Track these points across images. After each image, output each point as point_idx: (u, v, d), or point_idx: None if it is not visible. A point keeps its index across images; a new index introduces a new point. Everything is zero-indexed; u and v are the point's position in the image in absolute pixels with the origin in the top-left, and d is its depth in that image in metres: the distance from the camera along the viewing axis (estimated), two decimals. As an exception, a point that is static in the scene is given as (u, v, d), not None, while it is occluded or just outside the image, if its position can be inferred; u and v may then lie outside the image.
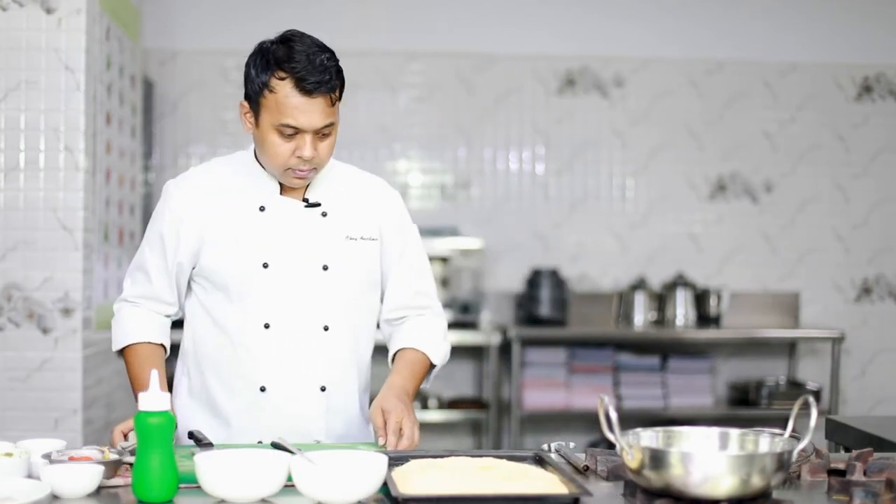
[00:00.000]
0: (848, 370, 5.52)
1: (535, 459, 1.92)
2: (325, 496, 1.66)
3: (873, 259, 5.60)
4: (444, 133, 5.41)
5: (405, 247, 2.35)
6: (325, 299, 2.24)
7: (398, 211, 2.37)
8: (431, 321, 2.38)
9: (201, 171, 2.31)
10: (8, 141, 3.54)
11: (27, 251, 3.54)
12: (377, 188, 2.36)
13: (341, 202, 2.29)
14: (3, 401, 3.55)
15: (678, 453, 1.64)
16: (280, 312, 2.22)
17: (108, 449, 1.90)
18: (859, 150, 5.59)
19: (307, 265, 2.23)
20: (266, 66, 2.11)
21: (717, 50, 5.51)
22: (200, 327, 2.29)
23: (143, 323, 2.29)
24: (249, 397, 2.23)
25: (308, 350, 2.24)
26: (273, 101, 2.10)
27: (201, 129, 5.31)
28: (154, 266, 2.28)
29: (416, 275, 2.37)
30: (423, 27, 5.39)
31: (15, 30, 3.53)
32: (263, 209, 2.23)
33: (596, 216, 5.50)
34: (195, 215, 2.23)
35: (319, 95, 2.09)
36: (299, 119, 2.09)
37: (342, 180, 2.33)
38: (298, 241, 2.23)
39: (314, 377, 2.25)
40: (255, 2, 5.29)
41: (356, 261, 2.27)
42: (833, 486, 1.82)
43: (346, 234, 2.27)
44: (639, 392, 5.18)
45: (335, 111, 2.14)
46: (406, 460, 1.86)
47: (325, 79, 2.09)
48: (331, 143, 2.16)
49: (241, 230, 2.22)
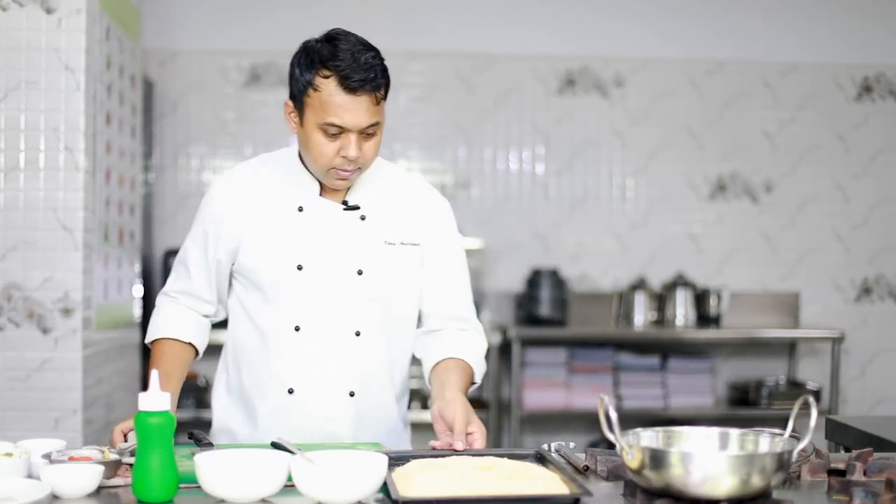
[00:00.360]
0: (848, 370, 5.52)
1: (536, 458, 1.91)
2: (325, 496, 1.65)
3: (873, 259, 5.60)
4: (444, 133, 5.41)
5: (448, 257, 2.30)
6: (358, 304, 2.21)
7: (444, 219, 2.32)
8: (474, 337, 2.32)
9: (245, 169, 2.30)
10: (8, 141, 3.54)
11: (27, 251, 3.54)
12: (423, 193, 2.32)
13: (383, 206, 2.25)
14: (3, 401, 3.55)
15: (678, 453, 1.64)
16: (311, 315, 2.20)
17: (108, 449, 1.90)
18: (859, 150, 5.59)
19: (341, 269, 2.20)
20: (310, 64, 2.09)
21: (717, 50, 5.51)
22: (239, 325, 2.29)
23: (176, 319, 2.29)
24: (278, 398, 2.22)
25: (338, 354, 2.21)
26: (317, 99, 2.07)
27: (201, 129, 5.31)
28: (194, 262, 2.28)
29: (456, 287, 2.32)
30: (423, 27, 5.39)
31: (15, 30, 3.53)
32: (302, 210, 2.21)
33: (596, 216, 5.50)
34: (236, 214, 2.23)
35: (364, 93, 2.06)
36: (344, 118, 2.06)
37: (387, 183, 2.28)
38: (334, 244, 2.21)
39: (343, 382, 2.22)
40: (255, 2, 5.29)
41: (394, 266, 2.23)
42: (833, 486, 1.82)
43: (385, 238, 2.23)
44: (639, 392, 5.18)
45: (380, 110, 2.11)
46: (407, 460, 1.86)
47: (370, 76, 2.06)
48: (376, 142, 2.13)
49: (278, 230, 2.21)
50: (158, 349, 2.28)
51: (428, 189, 2.34)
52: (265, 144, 5.33)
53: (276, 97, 5.33)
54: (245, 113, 5.33)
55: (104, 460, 1.82)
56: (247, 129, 5.33)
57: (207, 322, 2.34)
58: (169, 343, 2.28)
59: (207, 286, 2.28)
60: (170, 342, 2.28)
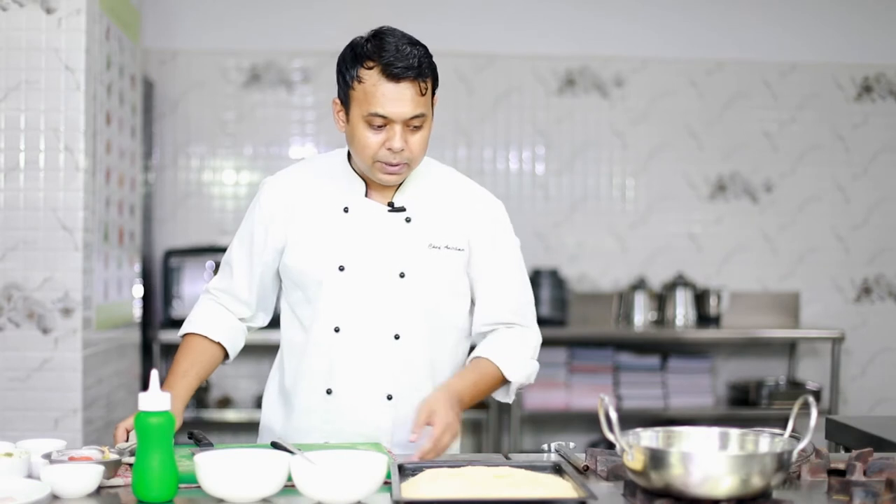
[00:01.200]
0: (848, 370, 5.51)
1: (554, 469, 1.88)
2: (325, 496, 1.66)
3: (873, 259, 5.60)
4: (444, 133, 5.41)
5: (498, 261, 2.27)
6: (399, 307, 2.19)
7: (494, 222, 2.28)
8: (517, 334, 2.28)
9: (296, 169, 2.31)
10: (8, 141, 3.54)
11: (27, 251, 3.54)
12: (473, 196, 2.29)
13: (429, 208, 2.23)
14: (3, 401, 3.55)
15: (678, 453, 1.64)
16: (351, 317, 2.19)
17: (108, 449, 1.90)
18: (859, 150, 5.59)
19: (383, 271, 2.19)
20: (355, 59, 2.09)
21: (717, 50, 5.51)
22: (286, 325, 2.29)
23: (210, 317, 2.28)
24: (317, 399, 2.22)
25: (377, 357, 2.19)
26: (362, 91, 2.07)
27: (201, 129, 5.31)
28: (238, 262, 2.28)
29: (508, 290, 2.28)
30: (423, 27, 5.35)
31: (15, 30, 3.53)
32: (347, 210, 2.20)
33: (596, 216, 5.50)
34: (283, 214, 2.23)
35: (407, 82, 2.05)
36: (387, 107, 2.05)
37: (436, 184, 2.26)
38: (377, 245, 2.19)
39: (381, 385, 2.20)
40: (255, 2, 5.29)
41: (437, 270, 2.20)
42: (833, 486, 1.82)
43: (430, 242, 2.20)
44: (639, 392, 5.18)
45: (426, 102, 2.09)
46: (420, 470, 1.84)
47: (413, 64, 2.05)
48: (422, 137, 2.11)
49: (323, 231, 2.20)
50: (185, 344, 2.27)
51: (479, 191, 2.31)
52: (265, 144, 5.34)
53: (276, 97, 5.33)
54: (245, 113, 5.33)
55: (104, 460, 1.82)
56: (247, 129, 5.33)
57: (243, 326, 2.33)
58: (197, 339, 2.26)
59: (248, 288, 2.28)
60: (198, 338, 2.26)
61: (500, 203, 2.33)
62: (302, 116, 5.36)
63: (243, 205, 5.24)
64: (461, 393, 2.13)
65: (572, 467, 1.98)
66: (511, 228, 2.32)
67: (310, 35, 5.23)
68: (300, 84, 5.33)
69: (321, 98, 5.29)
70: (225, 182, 5.33)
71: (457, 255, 2.22)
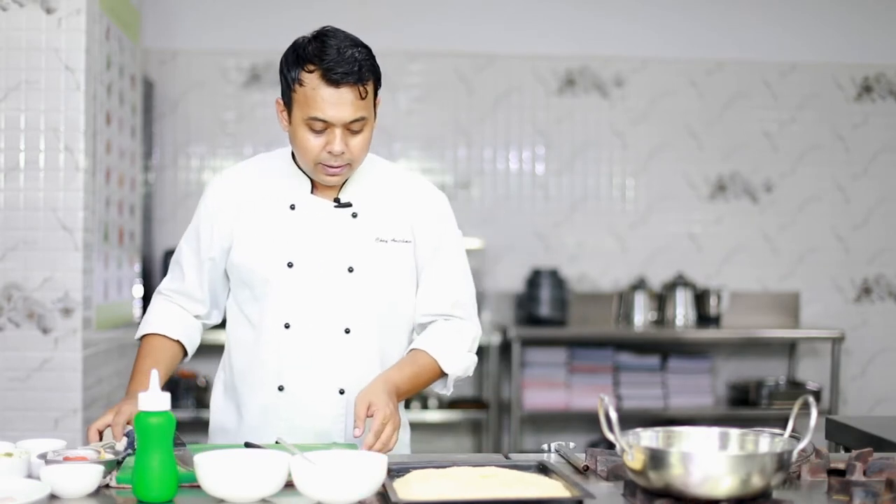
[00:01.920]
0: (848, 370, 5.51)
1: (538, 468, 1.89)
2: (325, 496, 1.65)
3: (873, 259, 5.60)
4: (444, 133, 5.41)
5: (440, 251, 2.28)
6: (349, 302, 2.20)
7: (437, 214, 2.30)
8: (455, 327, 2.28)
9: (240, 169, 2.32)
10: (8, 141, 3.54)
11: (27, 251, 3.54)
12: (416, 189, 2.30)
13: (375, 203, 2.24)
14: (3, 401, 3.55)
15: (678, 453, 1.64)
16: (301, 313, 2.20)
17: (105, 449, 1.90)
18: (859, 150, 5.59)
19: (332, 266, 2.20)
20: (297, 60, 2.11)
21: (717, 50, 5.51)
22: (233, 324, 2.30)
23: (166, 317, 2.29)
24: (268, 396, 2.22)
25: (328, 352, 2.21)
26: (302, 94, 2.09)
27: (201, 129, 5.31)
28: (187, 261, 2.29)
29: (448, 281, 2.29)
30: (423, 27, 5.39)
31: (15, 30, 3.53)
32: (294, 208, 2.22)
33: (596, 216, 5.50)
34: (228, 212, 2.24)
35: (347, 87, 2.06)
36: (327, 112, 2.07)
37: (380, 180, 2.28)
38: (325, 241, 2.21)
39: (333, 379, 2.21)
40: (255, 2, 5.29)
41: (385, 263, 2.22)
42: (833, 486, 1.82)
43: (377, 235, 2.22)
44: (639, 392, 5.18)
45: (367, 106, 2.11)
46: (407, 471, 1.84)
47: (353, 69, 2.06)
48: (363, 139, 2.13)
49: (270, 228, 2.22)
50: (145, 344, 2.28)
51: (422, 185, 2.32)
52: (265, 144, 5.33)
53: (276, 97, 5.32)
54: (245, 113, 5.33)
55: (100, 460, 1.82)
56: (247, 129, 5.33)
57: (199, 323, 2.34)
58: (156, 339, 2.27)
59: (199, 286, 2.29)
60: (158, 337, 2.27)
61: (444, 195, 2.34)
62: (302, 116, 5.35)
63: (243, 205, 5.25)
64: (398, 384, 2.14)
65: (571, 466, 1.98)
66: (454, 221, 2.34)
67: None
68: (300, 84, 5.32)
69: (321, 98, 5.29)
70: (225, 182, 5.32)
71: (404, 247, 2.24)
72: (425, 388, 2.29)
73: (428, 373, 2.23)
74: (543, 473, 1.85)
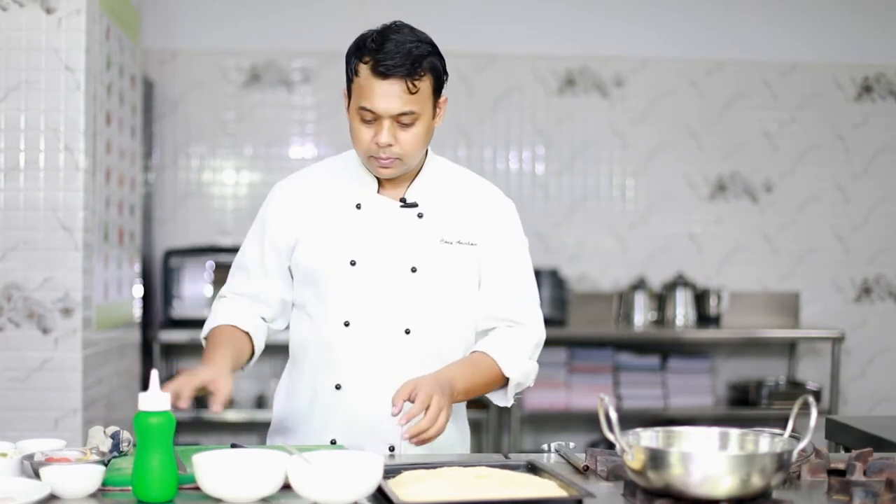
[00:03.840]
0: (848, 370, 5.51)
1: (528, 468, 1.89)
2: (322, 496, 1.66)
3: (873, 259, 5.60)
4: (444, 133, 5.41)
5: (505, 257, 2.26)
6: (410, 302, 2.18)
7: (505, 220, 2.28)
8: (517, 333, 2.24)
9: (307, 171, 2.32)
10: (8, 141, 3.54)
11: (27, 251, 3.54)
12: (485, 194, 2.29)
13: (442, 204, 2.23)
14: (3, 401, 3.55)
15: (678, 453, 1.64)
16: (361, 311, 2.18)
17: (90, 450, 1.90)
18: (859, 150, 5.59)
19: (395, 266, 2.18)
20: (356, 51, 2.13)
21: (717, 50, 5.51)
22: (295, 323, 2.28)
23: (234, 312, 2.25)
24: (326, 395, 2.20)
25: (386, 352, 2.17)
26: (357, 84, 2.11)
27: (201, 129, 5.31)
28: (253, 264, 2.27)
29: (511, 287, 2.26)
30: (423, 27, 5.36)
31: (15, 30, 3.53)
32: (360, 207, 2.21)
33: (596, 216, 5.50)
34: (293, 214, 2.23)
35: (395, 79, 2.08)
36: (374, 102, 2.08)
37: (448, 181, 2.28)
38: (389, 240, 2.19)
39: (391, 380, 2.10)
40: (255, 2, 5.29)
41: (449, 265, 2.20)
42: (833, 486, 1.82)
43: (442, 237, 2.20)
44: (639, 392, 5.18)
45: (418, 101, 2.13)
46: (398, 472, 1.83)
47: (405, 62, 2.09)
48: (415, 134, 2.13)
49: (335, 227, 2.20)
50: (216, 333, 2.21)
51: (490, 190, 2.31)
52: (265, 144, 5.33)
53: (276, 97, 5.33)
54: (245, 113, 5.33)
55: (85, 461, 1.82)
56: (247, 129, 5.33)
57: (265, 325, 2.29)
58: (225, 328, 2.22)
59: (265, 288, 2.26)
60: (227, 327, 2.22)
61: (511, 202, 2.33)
62: (302, 116, 5.35)
63: (243, 205, 5.25)
64: (452, 379, 2.08)
65: (571, 466, 1.98)
66: (521, 228, 2.33)
67: (310, 35, 5.23)
68: (300, 84, 5.32)
69: (321, 98, 5.29)
70: (225, 182, 5.33)
71: (469, 249, 2.22)
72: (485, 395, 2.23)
73: (486, 375, 2.18)
74: (534, 473, 1.85)
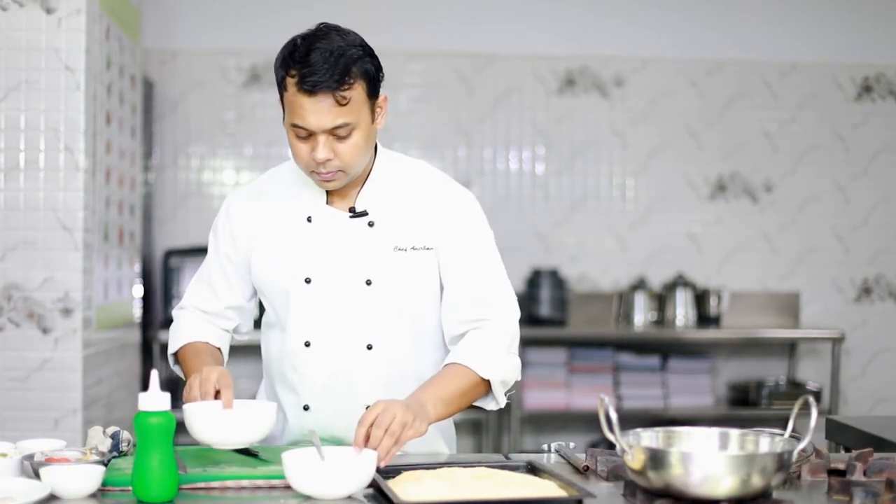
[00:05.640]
0: (848, 370, 5.51)
1: (527, 468, 1.88)
2: (316, 490, 1.68)
3: (873, 259, 5.60)
4: (444, 133, 5.41)
5: (465, 256, 2.13)
6: (369, 316, 2.09)
7: (460, 215, 2.15)
8: (489, 332, 2.10)
9: (257, 183, 2.25)
10: (8, 141, 3.54)
11: (27, 251, 3.54)
12: (440, 191, 2.17)
13: (394, 209, 2.12)
14: (3, 401, 3.55)
15: (678, 453, 1.64)
16: (321, 330, 2.10)
17: (90, 450, 1.90)
18: (859, 150, 5.59)
19: (350, 280, 2.09)
20: (282, 63, 2.02)
21: (717, 50, 5.51)
22: (264, 339, 2.25)
23: (200, 328, 2.22)
24: (295, 416, 2.15)
25: (351, 370, 2.10)
26: (287, 99, 2.01)
27: (201, 129, 5.31)
28: (212, 276, 2.23)
29: (474, 287, 2.12)
30: (423, 27, 5.39)
31: (15, 30, 3.53)
32: (310, 220, 2.12)
33: (596, 216, 5.50)
34: (247, 226, 2.17)
35: (323, 94, 1.95)
36: (306, 119, 1.97)
37: (401, 182, 2.15)
38: (342, 254, 2.09)
39: (358, 398, 2.09)
40: (255, 2, 5.29)
41: (405, 274, 2.10)
42: (833, 486, 1.82)
43: (395, 244, 2.10)
44: (639, 392, 5.18)
45: (350, 111, 1.97)
46: (398, 472, 1.82)
47: (331, 76, 1.94)
48: (352, 144, 2.00)
49: (287, 242, 2.12)
50: (191, 348, 2.18)
51: (445, 186, 2.19)
52: (265, 144, 5.33)
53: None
54: (245, 113, 5.33)
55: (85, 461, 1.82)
56: (247, 129, 5.33)
57: (229, 336, 2.27)
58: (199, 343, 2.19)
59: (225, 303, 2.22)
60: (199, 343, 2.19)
61: (470, 195, 2.21)
62: (302, 116, 5.35)
63: (243, 205, 5.24)
64: (421, 399, 1.96)
65: (571, 466, 1.98)
66: (482, 220, 2.19)
67: (310, 35, 5.22)
68: (300, 84, 5.32)
69: (321, 98, 5.29)
70: (225, 182, 5.33)
71: (425, 254, 2.11)
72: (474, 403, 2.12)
73: (463, 384, 2.05)
74: (533, 474, 1.85)
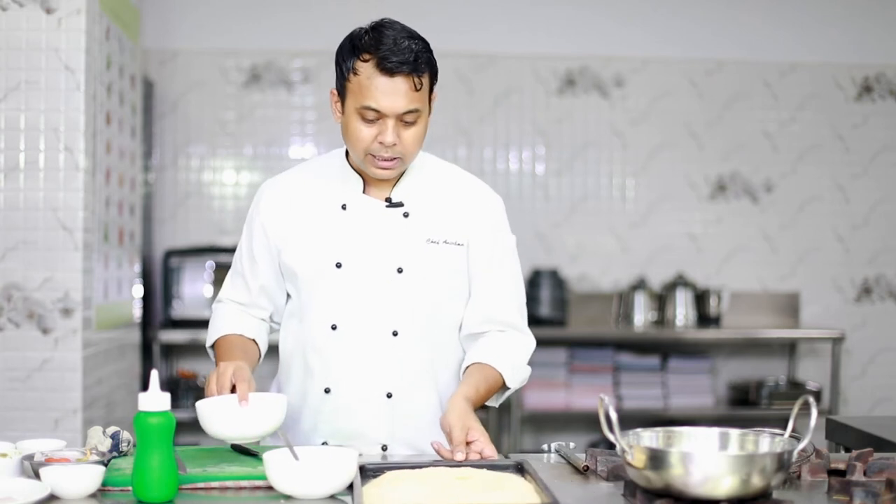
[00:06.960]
0: (848, 370, 5.51)
1: (516, 468, 1.88)
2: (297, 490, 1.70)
3: (873, 259, 5.60)
4: (444, 133, 5.41)
5: (494, 258, 2.22)
6: (397, 303, 2.15)
7: (493, 218, 2.24)
8: (513, 339, 2.25)
9: (294, 171, 2.30)
10: (8, 141, 3.54)
11: (27, 251, 3.54)
12: (473, 192, 2.25)
13: (428, 203, 2.20)
14: (3, 401, 3.55)
15: (678, 453, 1.64)
16: (348, 314, 2.16)
17: (90, 450, 1.90)
18: (859, 150, 5.59)
19: (381, 267, 2.15)
20: (352, 50, 2.08)
21: (717, 50, 5.51)
22: (285, 324, 2.28)
23: (235, 319, 2.26)
24: (315, 399, 2.19)
25: (375, 355, 2.16)
26: (357, 83, 2.05)
27: (201, 129, 5.31)
28: (245, 268, 2.26)
29: (502, 289, 2.23)
30: (424, 27, 5.34)
31: (15, 30, 3.53)
32: (345, 208, 2.18)
33: (596, 216, 5.50)
34: (281, 215, 2.22)
35: (401, 76, 2.04)
36: (380, 101, 2.03)
37: (435, 179, 2.24)
38: (375, 241, 2.16)
39: (380, 383, 2.15)
40: (255, 2, 5.29)
41: (436, 265, 2.17)
42: (833, 486, 1.82)
43: (428, 236, 2.17)
44: (639, 392, 5.18)
45: (421, 98, 2.07)
46: (381, 472, 1.82)
47: (409, 59, 2.04)
48: (416, 132, 2.09)
49: (320, 228, 2.18)
50: (224, 342, 2.22)
51: (478, 187, 2.27)
52: (265, 144, 5.33)
53: (276, 97, 5.33)
54: (245, 113, 5.33)
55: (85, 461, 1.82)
56: (247, 129, 5.33)
57: (266, 325, 2.30)
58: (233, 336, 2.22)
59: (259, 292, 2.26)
60: (234, 336, 2.23)
61: (500, 198, 2.29)
62: (302, 116, 5.36)
63: (243, 205, 5.24)
64: (475, 403, 2.11)
65: (571, 466, 1.98)
66: (508, 225, 2.29)
67: (310, 35, 5.22)
68: (300, 84, 5.33)
69: (321, 98, 5.29)
70: (225, 182, 5.33)
71: (456, 249, 2.19)
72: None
73: (492, 388, 2.18)
74: (520, 474, 1.84)
